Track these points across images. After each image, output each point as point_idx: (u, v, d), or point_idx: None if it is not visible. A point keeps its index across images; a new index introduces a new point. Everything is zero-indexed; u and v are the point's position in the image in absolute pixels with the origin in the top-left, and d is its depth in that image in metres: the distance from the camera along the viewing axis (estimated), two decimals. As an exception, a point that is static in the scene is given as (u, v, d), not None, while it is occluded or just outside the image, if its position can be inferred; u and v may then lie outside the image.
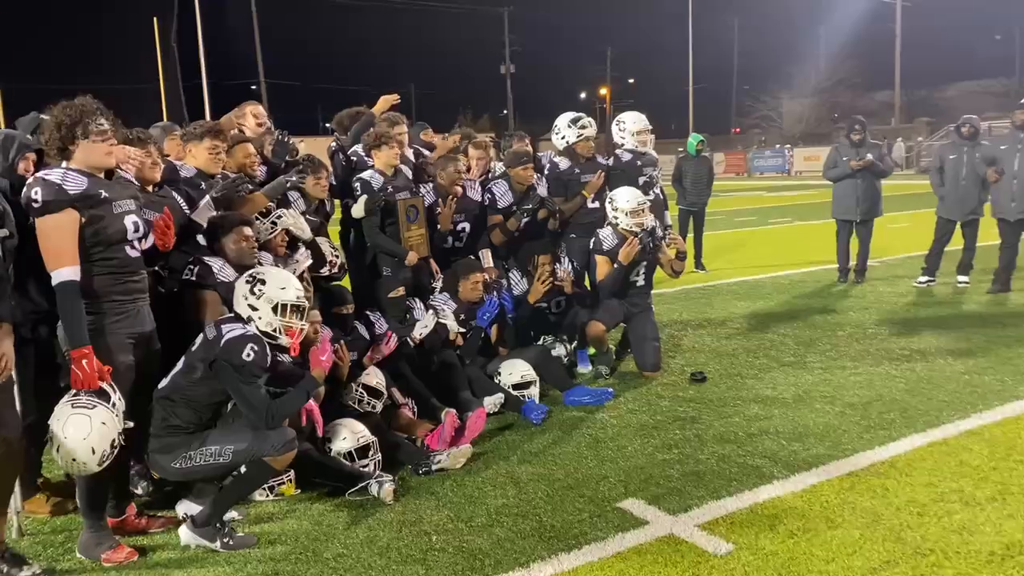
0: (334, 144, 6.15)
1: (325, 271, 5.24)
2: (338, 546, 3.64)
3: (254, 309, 3.72)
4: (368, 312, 5.49)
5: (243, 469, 3.65)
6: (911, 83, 51.55)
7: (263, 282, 3.74)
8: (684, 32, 52.85)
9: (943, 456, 4.36)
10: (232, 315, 3.79)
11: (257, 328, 3.69)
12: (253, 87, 56.05)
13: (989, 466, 4.20)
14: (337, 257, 5.35)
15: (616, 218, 5.95)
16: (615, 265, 5.89)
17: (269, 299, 3.72)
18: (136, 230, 3.67)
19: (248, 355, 3.54)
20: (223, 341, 3.56)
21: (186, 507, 3.88)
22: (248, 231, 4.34)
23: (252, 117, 5.91)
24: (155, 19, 39.25)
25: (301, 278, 4.25)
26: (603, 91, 66.42)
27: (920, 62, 49.39)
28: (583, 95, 72.70)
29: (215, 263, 4.18)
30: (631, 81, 69.84)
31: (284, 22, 69.06)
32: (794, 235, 15.14)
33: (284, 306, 3.73)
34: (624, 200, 5.90)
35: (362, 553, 3.57)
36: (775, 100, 57.04)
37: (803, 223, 17.06)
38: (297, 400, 3.78)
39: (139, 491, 4.21)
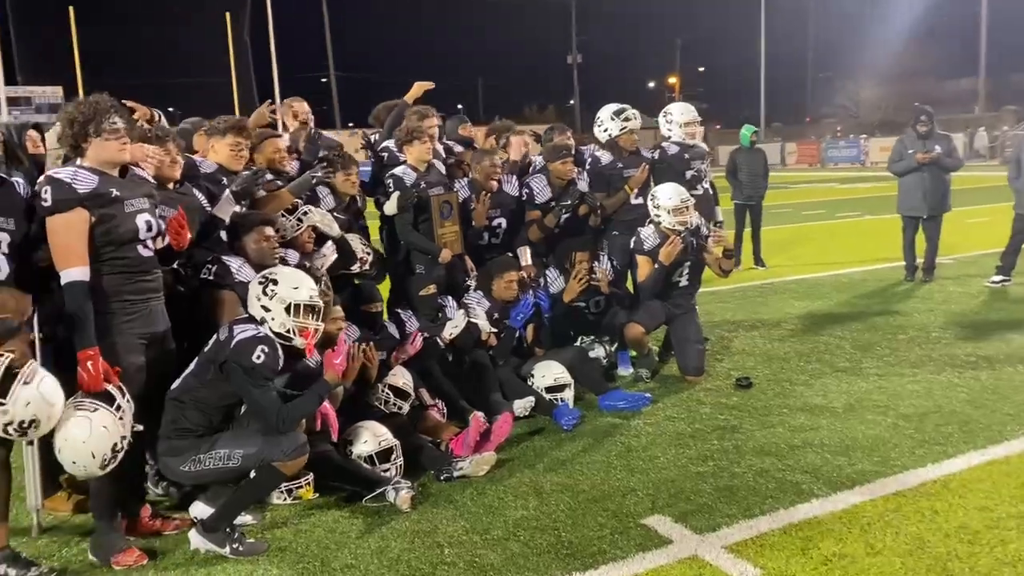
0: (371, 138, 6.04)
1: (356, 268, 5.15)
2: (347, 556, 3.52)
3: (267, 310, 3.63)
4: (399, 311, 5.39)
5: (253, 474, 3.56)
6: (997, 69, 49.19)
7: (275, 282, 3.65)
8: (756, 18, 51.42)
9: (1003, 477, 4.02)
10: (246, 316, 3.70)
11: (271, 329, 3.60)
12: (324, 80, 57.01)
13: (1054, 489, 3.86)
14: (369, 254, 5.25)
15: (658, 216, 5.70)
16: (656, 265, 5.64)
17: (282, 299, 3.62)
18: (148, 229, 3.61)
19: (259, 357, 3.45)
20: (234, 343, 3.48)
21: (199, 509, 3.81)
22: (269, 231, 4.26)
23: (292, 113, 5.87)
24: (227, 14, 40.13)
25: (318, 279, 4.13)
26: (672, 80, 65.32)
27: (1007, 47, 47.05)
28: (651, 84, 71.76)
29: (234, 263, 4.11)
30: (701, 70, 68.52)
31: (354, 15, 69.83)
32: (863, 230, 14.53)
33: (297, 306, 3.63)
34: (666, 197, 5.65)
35: (371, 564, 3.45)
36: (852, 88, 55.22)
37: (874, 217, 16.37)
38: (309, 404, 3.68)
39: (159, 491, 4.18)
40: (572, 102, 63.25)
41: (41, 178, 3.46)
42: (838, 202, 20.42)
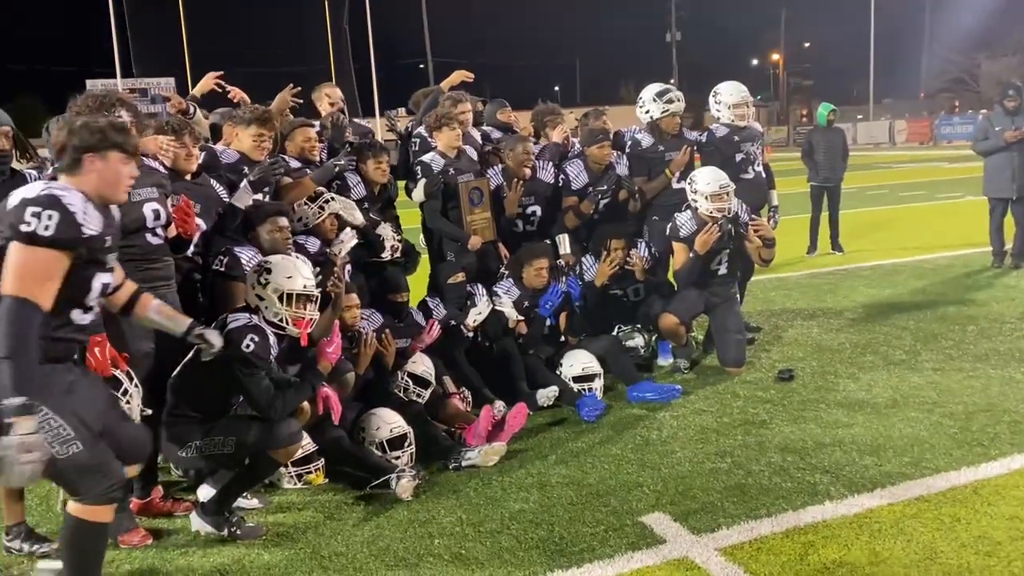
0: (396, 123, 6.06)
1: (386, 256, 5.17)
2: (339, 544, 3.55)
3: (261, 299, 3.67)
4: (428, 298, 5.39)
5: (248, 461, 3.62)
6: None
7: (269, 271, 3.69)
8: (866, -11, 49.11)
9: (1044, 484, 3.71)
10: (243, 306, 3.76)
11: (264, 318, 3.64)
12: (421, 66, 57.69)
13: (1098, 499, 3.53)
14: (400, 242, 5.26)
15: (695, 201, 5.48)
16: (691, 254, 5.44)
17: (275, 288, 3.66)
18: (156, 218, 3.71)
19: (248, 346, 3.50)
20: (224, 331, 3.53)
21: (205, 492, 3.91)
22: (283, 221, 4.30)
23: (327, 99, 5.91)
24: (326, 2, 41.12)
25: (334, 264, 4.17)
26: (776, 57, 63.17)
27: None
28: (755, 62, 69.62)
29: (245, 254, 4.17)
30: (806, 45, 65.76)
31: (451, 1, 70.26)
32: (962, 212, 13.70)
33: (291, 295, 3.66)
34: (704, 182, 5.42)
35: (359, 553, 3.46)
36: (970, 61, 52.04)
37: (976, 198, 15.39)
38: (301, 394, 3.71)
39: (179, 472, 4.30)
40: (672, 81, 62.05)
41: (50, 169, 3.59)
42: (940, 182, 19.30)
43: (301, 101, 5.11)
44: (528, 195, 5.71)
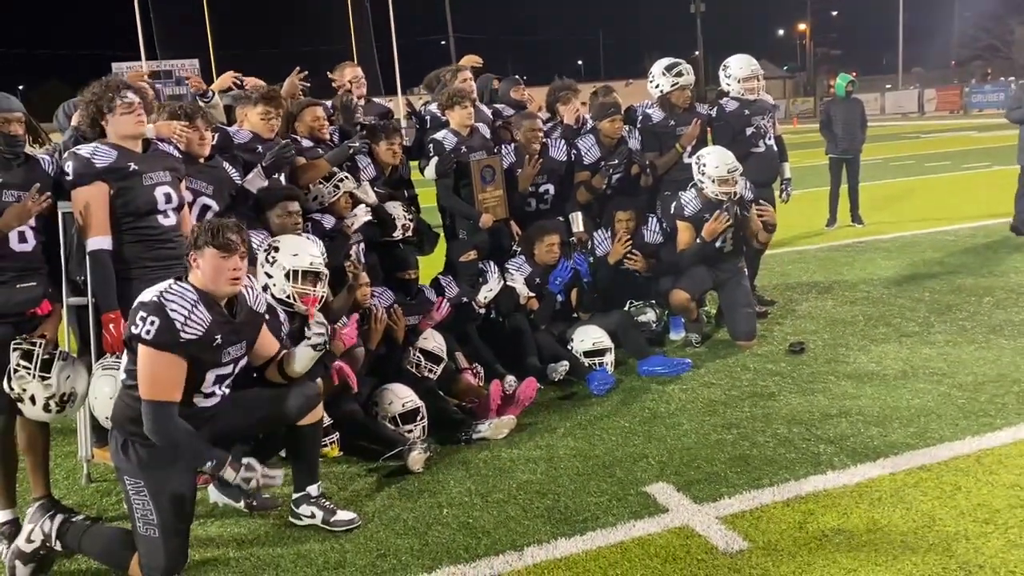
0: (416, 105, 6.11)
1: (398, 234, 5.25)
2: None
3: (269, 276, 3.77)
4: (440, 276, 5.46)
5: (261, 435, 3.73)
6: None
7: (276, 249, 3.78)
8: (895, -45, 48.11)
9: (1048, 452, 3.73)
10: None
11: (272, 296, 3.74)
12: (443, 42, 57.53)
13: (1101, 468, 3.55)
14: (411, 220, 5.33)
15: (702, 183, 5.48)
16: (698, 239, 5.45)
17: (282, 266, 3.75)
18: (168, 200, 3.81)
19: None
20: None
21: (225, 465, 4.02)
22: (293, 206, 4.36)
23: (345, 77, 5.96)
24: (347, -22, 41.00)
25: (331, 240, 4.24)
26: (802, 27, 62.13)
27: None
28: (780, 32, 68.66)
29: (256, 237, 4.25)
30: (834, 14, 64.66)
31: (473, -25, 69.84)
32: (988, 182, 13.47)
33: (296, 272, 3.75)
34: (713, 165, 5.41)
35: (371, 522, 3.57)
36: (1003, 27, 50.96)
37: (1004, 168, 15.18)
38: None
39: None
40: (697, 53, 61.32)
41: (66, 154, 3.71)
42: (968, 152, 19.02)
43: (309, 84, 5.18)
44: (541, 174, 5.75)
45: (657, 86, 5.98)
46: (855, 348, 5.40)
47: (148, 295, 3.02)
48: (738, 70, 6.10)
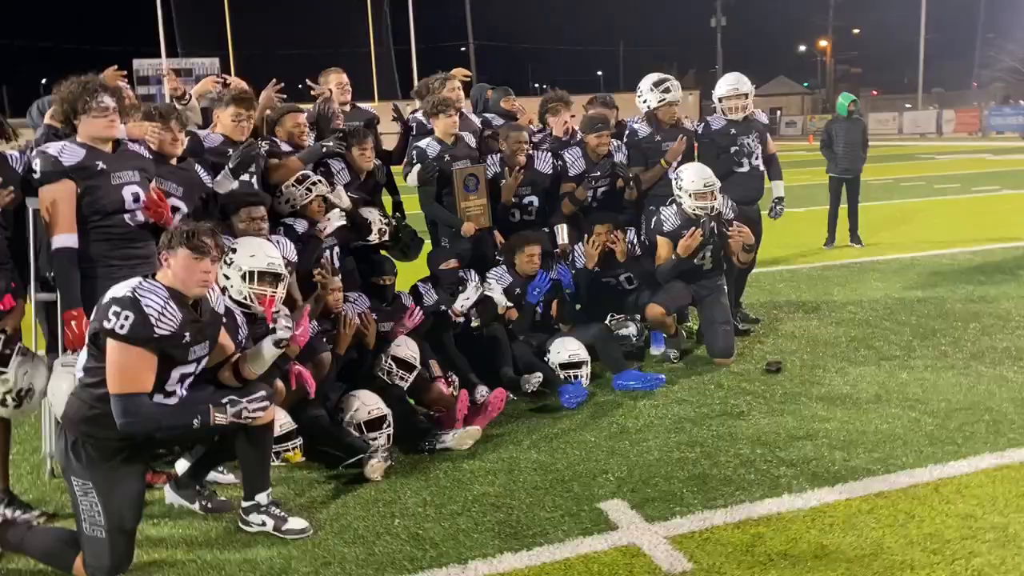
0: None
1: (374, 239, 5.25)
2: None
3: (227, 278, 3.79)
4: (420, 283, 5.47)
5: (216, 437, 3.73)
6: None
7: (234, 251, 3.81)
8: (917, -26, 47.80)
9: (1009, 484, 3.68)
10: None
11: (231, 297, 3.76)
12: (463, 48, 57.69)
13: (1061, 501, 3.50)
14: (388, 225, 5.34)
15: (680, 197, 5.47)
16: (673, 255, 5.44)
17: (239, 267, 3.78)
18: (136, 200, 3.84)
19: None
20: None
21: (182, 466, 4.05)
22: (257, 212, 4.36)
23: (336, 84, 5.99)
24: (367, -16, 41.22)
25: (301, 245, 4.25)
26: (823, 43, 61.92)
27: None
28: (801, 48, 68.41)
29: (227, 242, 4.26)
30: (855, 31, 64.38)
31: (494, -18, 70.01)
32: (996, 207, 13.36)
33: (253, 273, 3.77)
34: (689, 180, 5.40)
35: (321, 529, 3.57)
36: (1024, 49, 50.48)
37: (1013, 192, 15.09)
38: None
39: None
40: (716, 67, 61.16)
41: (34, 152, 3.74)
42: (979, 175, 18.85)
43: (285, 96, 5.21)
44: (526, 185, 5.75)
45: (645, 101, 5.98)
46: (832, 370, 5.36)
47: (120, 291, 3.05)
48: (722, 89, 6.10)
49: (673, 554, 3.22)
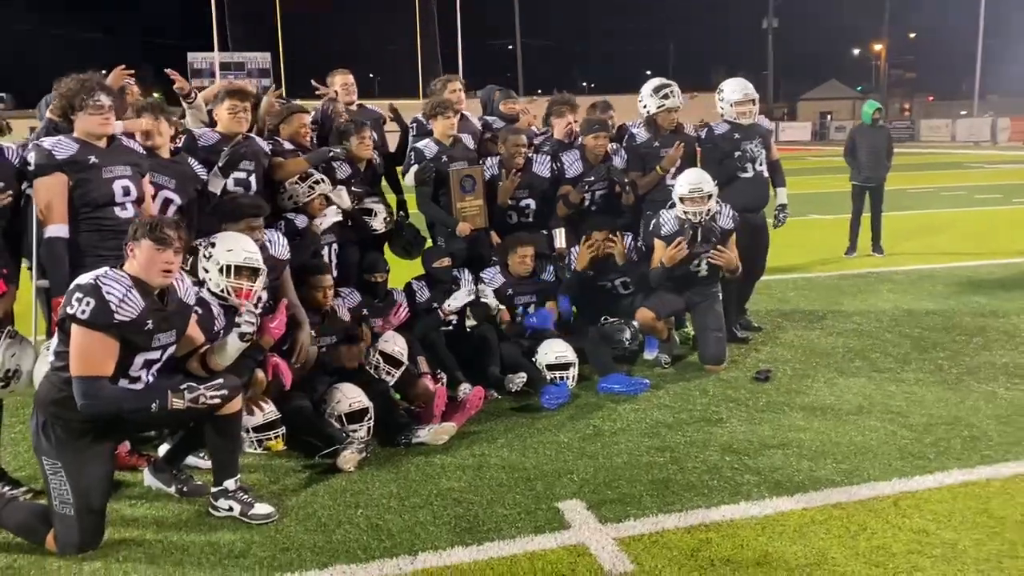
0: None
1: (379, 227, 5.41)
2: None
3: (206, 271, 3.94)
4: (413, 281, 5.58)
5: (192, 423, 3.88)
6: None
7: (213, 245, 3.95)
8: (976, -23, 46.63)
9: (970, 500, 3.66)
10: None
11: (208, 290, 3.90)
12: (510, 47, 57.84)
13: (1018, 519, 3.47)
14: (390, 216, 5.49)
15: (675, 201, 5.50)
16: (659, 264, 5.46)
17: (217, 261, 3.92)
18: (126, 193, 4.01)
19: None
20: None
21: (164, 450, 4.21)
22: (257, 222, 4.43)
23: (341, 85, 6.14)
24: (415, -17, 41.59)
25: (298, 238, 4.37)
26: (878, 47, 60.72)
27: None
28: (855, 52, 67.17)
29: None
30: (912, 36, 62.99)
31: (543, -18, 69.94)
32: (1032, 217, 13.07)
33: (230, 267, 3.91)
34: (680, 184, 5.43)
35: (287, 516, 3.70)
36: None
37: (1055, 204, 14.70)
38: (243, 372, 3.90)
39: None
40: (766, 72, 60.35)
41: (29, 145, 3.93)
42: (1022, 186, 18.38)
43: (284, 100, 5.36)
44: (523, 188, 5.83)
45: (645, 107, 6.01)
46: (821, 380, 5.35)
47: (84, 278, 3.23)
48: (731, 93, 6.09)
49: (618, 555, 3.28)
